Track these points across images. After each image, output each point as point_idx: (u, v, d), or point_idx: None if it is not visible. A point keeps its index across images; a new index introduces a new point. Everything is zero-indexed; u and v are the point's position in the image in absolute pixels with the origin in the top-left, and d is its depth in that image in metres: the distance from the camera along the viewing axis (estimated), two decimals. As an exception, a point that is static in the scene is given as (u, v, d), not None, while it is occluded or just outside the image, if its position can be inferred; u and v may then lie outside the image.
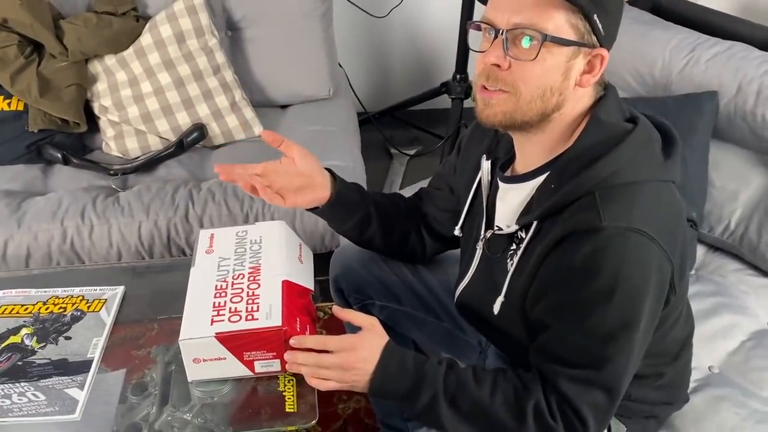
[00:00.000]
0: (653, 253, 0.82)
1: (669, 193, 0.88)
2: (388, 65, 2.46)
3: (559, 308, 0.86)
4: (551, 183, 0.88)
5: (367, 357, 0.90)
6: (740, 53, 1.50)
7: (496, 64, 0.85)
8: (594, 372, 0.85)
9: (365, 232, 1.14)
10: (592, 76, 0.86)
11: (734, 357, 1.31)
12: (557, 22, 0.82)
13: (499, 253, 0.97)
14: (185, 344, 0.93)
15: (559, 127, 0.89)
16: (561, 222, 0.84)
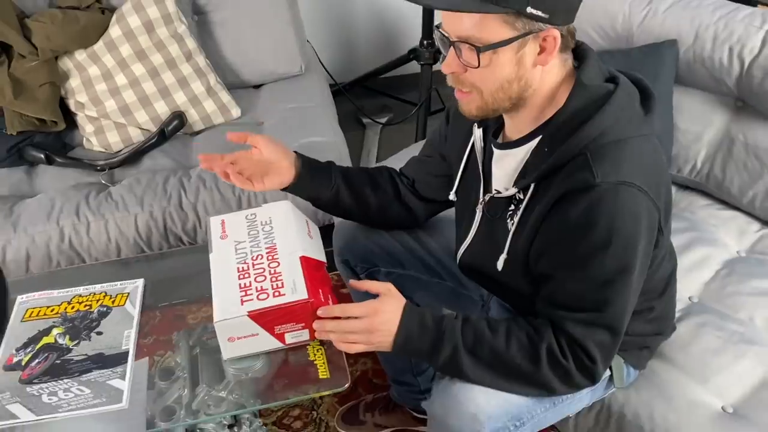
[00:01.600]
0: (642, 203, 0.90)
1: (651, 144, 0.96)
2: (355, 36, 2.49)
3: (562, 261, 0.94)
4: (545, 146, 0.96)
5: (389, 319, 0.98)
6: (694, 2, 1.59)
7: (454, 73, 0.93)
8: (597, 314, 0.94)
9: (339, 206, 1.23)
10: (548, 54, 0.91)
11: (710, 286, 1.43)
12: (492, 27, 0.87)
13: (499, 214, 1.05)
14: (220, 325, 0.99)
15: (536, 100, 0.95)
16: (558, 182, 0.92)
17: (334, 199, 1.21)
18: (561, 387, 0.98)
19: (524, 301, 1.06)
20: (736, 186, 1.56)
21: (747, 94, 1.52)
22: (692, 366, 1.25)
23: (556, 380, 0.97)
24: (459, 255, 1.18)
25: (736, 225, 1.56)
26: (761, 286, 1.40)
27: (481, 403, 0.98)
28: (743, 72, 1.49)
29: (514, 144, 1.01)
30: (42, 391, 0.98)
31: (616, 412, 1.23)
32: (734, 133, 1.54)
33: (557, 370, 0.96)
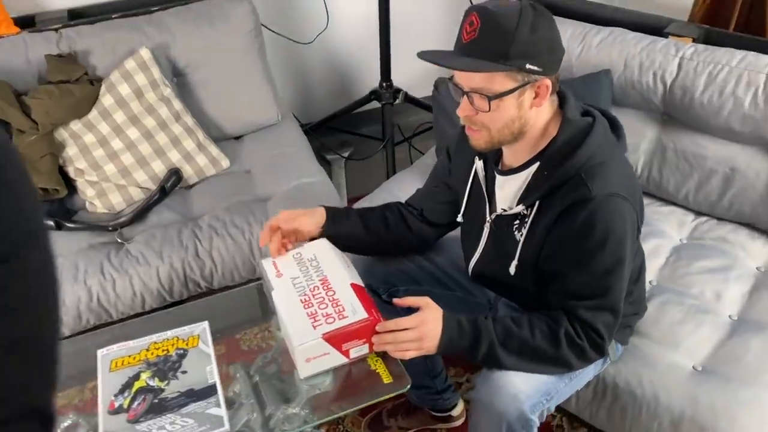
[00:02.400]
0: (627, 208, 1.16)
1: (626, 163, 1.23)
2: (317, 82, 2.69)
3: (570, 259, 1.18)
4: (544, 170, 1.20)
5: (434, 326, 1.19)
6: (620, 36, 1.90)
7: (468, 116, 1.17)
8: (601, 300, 1.19)
9: (359, 248, 1.48)
10: (542, 98, 1.16)
11: (664, 270, 1.72)
12: (499, 81, 1.11)
13: (506, 228, 1.28)
14: (300, 349, 1.17)
15: (532, 134, 1.20)
16: (559, 198, 1.16)
17: (355, 244, 1.44)
18: (578, 363, 1.22)
19: (530, 298, 1.30)
20: (672, 185, 1.87)
21: (671, 109, 1.84)
22: (664, 337, 1.52)
23: (573, 357, 1.20)
24: (471, 266, 1.41)
25: (676, 218, 1.87)
26: (704, 265, 1.70)
27: (519, 385, 1.21)
28: (666, 91, 1.82)
29: (515, 170, 1.25)
30: (151, 427, 1.12)
31: (611, 383, 1.48)
32: (665, 141, 1.86)
33: (574, 349, 1.20)
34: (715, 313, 1.58)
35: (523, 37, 1.08)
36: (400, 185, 2.00)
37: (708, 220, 1.85)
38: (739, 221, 1.81)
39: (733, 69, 1.71)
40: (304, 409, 1.27)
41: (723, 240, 1.78)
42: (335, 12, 2.40)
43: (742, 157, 1.75)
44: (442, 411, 1.74)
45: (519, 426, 1.20)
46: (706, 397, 1.39)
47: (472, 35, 1.10)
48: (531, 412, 1.20)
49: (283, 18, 2.40)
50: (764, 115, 1.68)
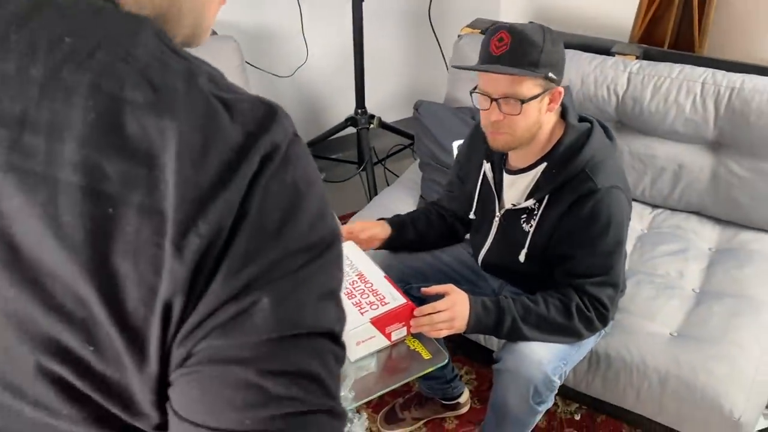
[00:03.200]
0: (624, 198, 1.38)
1: (619, 161, 1.46)
2: (295, 112, 2.82)
3: (578, 243, 1.38)
4: (552, 169, 1.40)
5: (462, 307, 1.37)
6: (575, 57, 2.17)
7: (497, 120, 1.36)
8: (606, 276, 1.39)
9: (413, 247, 1.70)
10: (555, 103, 1.37)
11: (633, 256, 1.97)
12: (528, 87, 1.31)
13: (515, 221, 1.48)
14: (352, 333, 1.32)
15: (542, 137, 1.41)
16: (567, 192, 1.36)
17: (410, 244, 1.67)
18: (587, 332, 1.42)
19: (535, 282, 1.50)
20: (630, 183, 2.12)
21: (624, 117, 2.11)
22: (642, 311, 1.75)
23: (583, 327, 1.40)
24: (481, 257, 1.60)
25: (636, 211, 2.10)
26: (665, 249, 1.96)
27: (541, 353, 1.39)
28: (619, 102, 2.09)
29: (523, 170, 1.46)
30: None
31: (603, 354, 1.69)
32: (621, 146, 2.12)
33: (583, 320, 1.39)
34: (681, 288, 1.83)
35: (548, 48, 1.29)
36: (392, 199, 2.18)
37: (663, 212, 2.12)
38: (689, 210, 2.09)
39: (674, 80, 2.01)
40: (351, 391, 1.41)
41: (678, 227, 2.05)
42: (314, 46, 2.59)
43: (687, 154, 2.04)
44: (450, 399, 1.90)
45: (544, 387, 1.39)
46: (684, 357, 1.62)
47: (503, 48, 1.28)
48: (553, 374, 1.39)
49: (265, 54, 2.57)
50: (703, 117, 1.97)
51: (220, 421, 0.43)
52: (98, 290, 0.40)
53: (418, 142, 2.23)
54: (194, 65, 0.45)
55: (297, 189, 0.44)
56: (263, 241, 0.42)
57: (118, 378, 0.43)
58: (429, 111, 2.18)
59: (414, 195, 2.19)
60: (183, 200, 0.40)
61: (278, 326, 0.43)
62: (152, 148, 0.40)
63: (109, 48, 0.42)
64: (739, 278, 1.82)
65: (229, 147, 0.42)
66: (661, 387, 1.61)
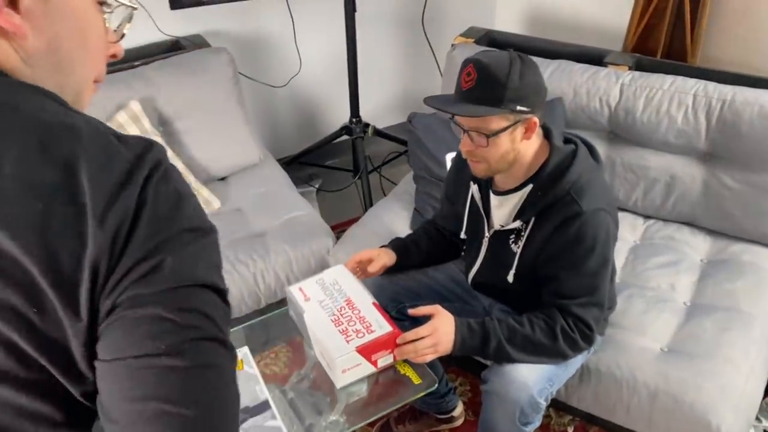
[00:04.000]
0: (609, 220, 1.39)
1: (604, 181, 1.46)
2: (290, 121, 2.86)
3: (564, 264, 1.39)
4: (537, 191, 1.42)
5: (446, 331, 1.38)
6: (567, 68, 2.18)
7: (469, 150, 1.39)
8: (591, 297, 1.41)
9: (417, 266, 1.73)
10: (531, 132, 1.38)
11: (625, 269, 1.98)
12: (494, 121, 1.33)
13: (503, 241, 1.50)
14: (338, 360, 1.33)
15: (524, 161, 1.42)
16: (553, 214, 1.38)
17: (415, 264, 1.72)
18: (571, 352, 1.43)
19: (525, 301, 1.51)
20: (622, 194, 2.14)
21: (616, 128, 2.12)
22: (633, 325, 1.77)
23: (568, 348, 1.42)
24: (471, 276, 1.62)
25: (628, 222, 2.15)
26: (657, 261, 1.97)
27: (527, 375, 1.41)
28: (611, 114, 2.09)
29: (510, 191, 1.47)
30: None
31: (594, 369, 1.70)
32: (613, 156, 2.14)
33: (568, 341, 1.41)
34: (672, 301, 1.84)
35: (514, 84, 1.30)
36: (386, 211, 2.19)
37: (655, 222, 2.13)
38: (681, 221, 2.10)
39: (666, 92, 2.01)
40: (342, 415, 1.43)
41: (670, 238, 2.06)
42: (307, 56, 2.60)
43: (679, 165, 2.04)
44: (445, 413, 1.92)
45: (530, 409, 1.40)
46: (674, 372, 1.63)
47: (470, 84, 1.31)
48: (539, 396, 1.41)
49: (259, 65, 2.57)
50: (695, 129, 1.97)
51: (141, 349, 0.58)
52: (39, 263, 0.54)
53: (412, 154, 2.23)
54: (91, 117, 0.63)
55: (178, 192, 0.61)
56: (159, 221, 0.59)
57: (57, 337, 0.57)
58: (422, 123, 2.19)
59: (408, 208, 2.20)
60: (99, 193, 0.57)
61: (180, 278, 0.59)
62: (71, 163, 0.57)
63: (28, 104, 0.60)
64: (730, 291, 1.83)
65: (125, 160, 0.59)
66: (650, 402, 1.63)
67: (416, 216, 2.15)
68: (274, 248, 2.03)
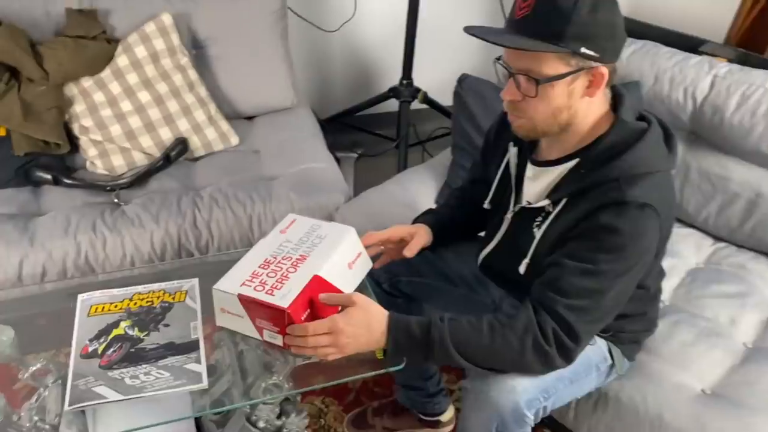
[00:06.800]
0: (656, 226, 1.07)
1: (669, 179, 1.14)
2: (336, 74, 2.65)
3: (577, 252, 1.08)
4: (581, 168, 1.12)
5: (357, 332, 1.06)
6: (653, 49, 1.85)
7: (513, 100, 1.10)
8: (591, 303, 1.08)
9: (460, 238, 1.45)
10: (596, 88, 1.07)
11: (678, 291, 1.64)
12: (550, 64, 1.04)
13: (526, 223, 1.21)
14: (216, 293, 1.10)
15: (579, 128, 1.12)
16: (590, 199, 1.08)
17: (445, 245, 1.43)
18: (541, 369, 1.11)
19: None
20: (692, 206, 1.80)
21: (699, 127, 1.78)
22: (674, 356, 1.44)
23: (537, 363, 1.08)
24: (482, 257, 1.33)
25: (693, 240, 1.80)
26: (720, 290, 1.62)
27: (517, 376, 1.12)
28: (696, 109, 1.76)
29: (551, 163, 1.18)
30: (123, 375, 1.04)
31: (613, 398, 1.39)
32: (689, 160, 1.80)
33: (539, 355, 1.07)
34: (729, 338, 1.50)
35: (581, 17, 1.00)
36: (413, 179, 1.94)
37: (727, 246, 1.77)
38: (759, 250, 1.74)
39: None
40: (288, 381, 1.19)
41: (741, 267, 1.70)
42: (363, 2, 2.37)
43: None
44: (430, 415, 1.64)
45: (512, 420, 1.11)
46: (714, 422, 1.30)
47: (525, 11, 1.03)
48: (527, 408, 1.11)
49: (310, 2, 2.37)
50: (796, 140, 1.62)
51: None
52: None
53: (455, 120, 1.97)
54: None
55: None
56: None
57: None
58: (472, 87, 1.92)
59: (438, 179, 1.94)
60: None
61: None
62: None
63: None
64: (806, 340, 1.48)
65: None
66: (677, 453, 1.31)
67: (445, 190, 1.88)
68: (277, 194, 1.81)
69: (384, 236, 1.34)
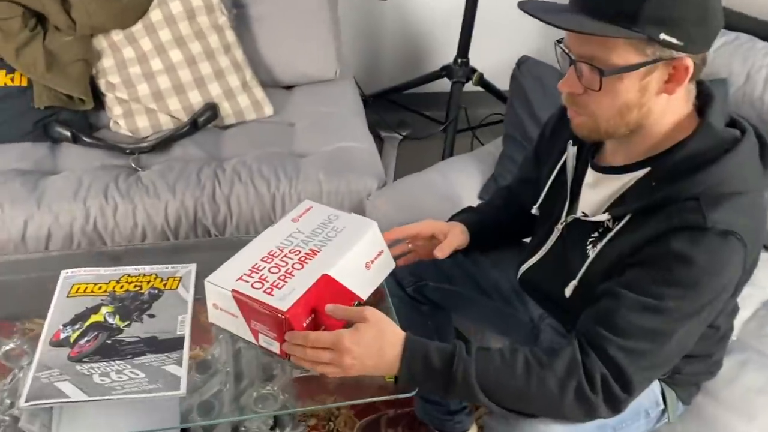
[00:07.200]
0: (740, 260, 0.87)
1: (761, 202, 0.92)
2: (386, 47, 2.48)
3: (639, 283, 0.88)
4: (652, 180, 0.92)
5: (365, 353, 0.89)
6: (746, 44, 1.61)
7: (572, 93, 0.91)
8: (652, 346, 0.88)
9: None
10: (677, 83, 0.87)
11: (749, 324, 1.42)
12: (619, 51, 0.84)
13: (579, 238, 1.01)
14: (208, 287, 0.96)
15: (654, 130, 0.92)
16: (661, 219, 0.88)
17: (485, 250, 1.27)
18: (582, 418, 0.92)
19: None
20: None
21: (794, 138, 1.53)
22: (737, 403, 1.23)
23: (578, 412, 0.90)
24: (522, 270, 1.15)
25: (774, 268, 1.57)
26: (800, 329, 1.40)
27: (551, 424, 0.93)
28: (793, 116, 1.51)
29: (616, 170, 0.98)
30: (93, 371, 0.91)
31: (661, 445, 1.20)
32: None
33: (582, 403, 0.89)
34: (807, 388, 1.28)
35: None
36: (457, 168, 1.75)
37: (812, 278, 1.54)
38: None
39: None
40: (285, 392, 1.04)
41: (827, 304, 1.47)
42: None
43: None
44: (450, 434, 1.48)
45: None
46: (781, 489, 1.10)
47: None
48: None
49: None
50: None
51: None
52: None
53: (509, 107, 1.77)
54: None
55: None
56: None
57: None
58: (532, 71, 1.72)
59: (485, 172, 1.74)
60: None
61: None
62: None
63: None
64: None
65: None
66: None
67: (490, 184, 1.69)
68: (306, 173, 1.66)
69: (413, 231, 1.17)
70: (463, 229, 1.20)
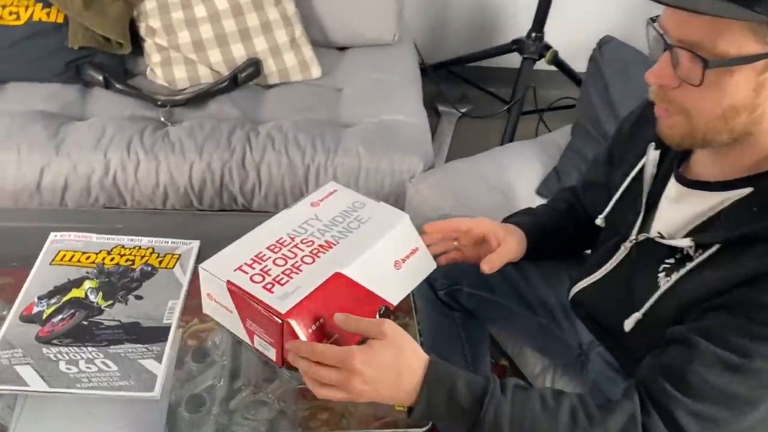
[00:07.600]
0: None
1: None
2: (454, 13, 2.29)
3: (722, 333, 0.71)
4: (754, 204, 0.73)
5: (374, 378, 0.74)
6: None
7: (663, 85, 0.72)
8: (729, 414, 0.71)
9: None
10: None
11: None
12: (733, 37, 0.66)
13: (650, 261, 0.83)
14: (202, 273, 0.83)
15: (763, 141, 0.73)
16: (760, 254, 0.70)
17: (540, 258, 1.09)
18: None
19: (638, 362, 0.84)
20: None
21: None
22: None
23: None
24: (576, 289, 0.97)
25: None
26: None
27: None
28: None
29: (708, 186, 0.79)
30: (60, 356, 0.80)
31: None
32: None
33: None
34: None
35: None
36: (513, 156, 1.56)
37: None
38: None
39: None
40: (281, 401, 0.91)
41: None
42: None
43: None
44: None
45: None
46: None
47: None
48: None
49: None
50: None
51: None
52: None
53: (584, 92, 1.57)
54: None
55: None
56: None
57: None
58: (614, 54, 1.51)
59: (547, 164, 1.55)
60: None
61: None
62: None
63: None
64: None
65: None
66: None
67: (551, 179, 1.50)
68: (346, 145, 1.50)
69: (463, 227, 1.00)
70: (522, 238, 1.02)
